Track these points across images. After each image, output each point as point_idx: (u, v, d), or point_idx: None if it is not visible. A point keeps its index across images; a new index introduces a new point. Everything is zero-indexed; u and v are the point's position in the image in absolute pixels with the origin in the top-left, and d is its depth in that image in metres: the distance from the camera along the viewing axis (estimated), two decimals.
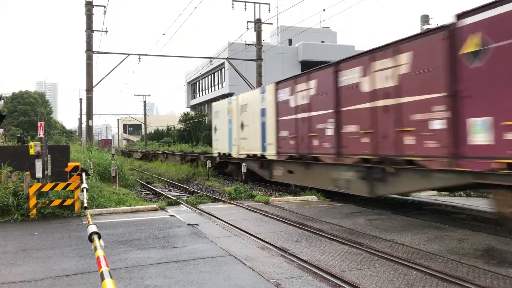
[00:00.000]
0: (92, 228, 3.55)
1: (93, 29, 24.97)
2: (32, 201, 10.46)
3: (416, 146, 9.57)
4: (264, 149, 16.99)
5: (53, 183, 10.78)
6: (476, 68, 8.25)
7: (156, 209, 11.88)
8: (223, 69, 55.60)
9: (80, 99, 67.02)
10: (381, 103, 10.58)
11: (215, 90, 60.29)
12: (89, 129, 25.71)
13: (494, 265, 6.37)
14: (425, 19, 23.05)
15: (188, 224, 9.69)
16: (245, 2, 27.18)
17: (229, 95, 55.82)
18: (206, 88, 64.74)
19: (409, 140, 9.75)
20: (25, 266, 6.53)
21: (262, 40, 28.93)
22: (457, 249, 7.27)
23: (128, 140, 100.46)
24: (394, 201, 13.01)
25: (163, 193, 16.67)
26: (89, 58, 24.91)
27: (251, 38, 52.95)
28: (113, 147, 20.72)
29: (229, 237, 8.54)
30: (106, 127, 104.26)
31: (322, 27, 56.90)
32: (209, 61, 32.06)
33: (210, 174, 22.29)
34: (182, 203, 13.35)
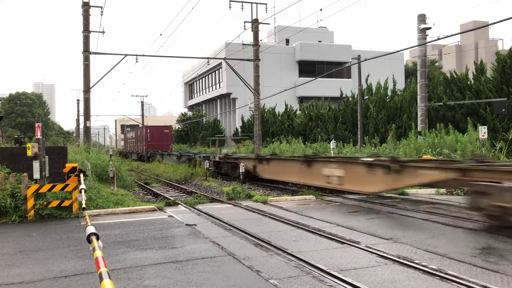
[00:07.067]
0: (91, 229, 3.55)
1: (90, 30, 24.93)
2: (30, 203, 10.44)
3: None
4: None
5: (51, 184, 10.76)
6: None
7: (154, 210, 11.87)
8: (220, 69, 55.57)
9: (78, 100, 66.91)
10: None
11: (212, 90, 60.27)
12: (87, 130, 25.67)
13: (492, 263, 6.39)
14: (422, 18, 23.05)
15: (187, 225, 9.69)
16: (242, 2, 27.18)
17: (227, 95, 55.88)
18: (203, 88, 64.70)
19: None
20: (23, 267, 6.52)
21: (259, 40, 28.94)
22: (455, 248, 7.29)
23: None
24: (392, 200, 13.03)
25: (161, 193, 16.65)
26: (86, 59, 24.87)
27: (249, 38, 52.91)
28: (110, 147, 20.71)
29: (228, 237, 8.54)
30: (104, 128, 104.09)
31: (319, 27, 56.96)
32: (206, 61, 32.05)
33: (208, 174, 22.29)
34: (180, 204, 13.34)
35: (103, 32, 26.36)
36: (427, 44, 24.17)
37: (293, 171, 15.82)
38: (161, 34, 32.70)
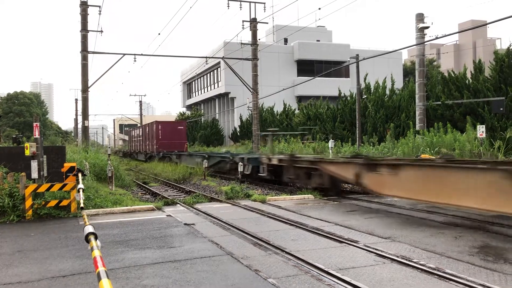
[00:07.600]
0: (89, 229, 3.55)
1: (88, 29, 24.92)
2: (28, 202, 10.42)
3: None
4: None
5: (49, 184, 10.75)
6: None
7: (152, 209, 11.86)
8: (219, 69, 55.53)
9: (76, 100, 66.83)
10: None
11: (211, 89, 60.23)
12: (85, 129, 25.65)
13: (490, 261, 6.40)
14: (420, 17, 23.07)
15: (185, 224, 9.69)
16: (240, 1, 27.17)
17: (225, 94, 55.86)
18: (202, 87, 64.65)
19: None
20: (21, 267, 6.51)
21: (257, 39, 28.93)
22: (453, 247, 7.30)
23: (124, 140, 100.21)
24: (390, 199, 13.04)
25: (160, 193, 16.64)
26: (84, 59, 24.84)
27: (247, 37, 52.80)
28: (109, 147, 20.69)
29: (226, 236, 8.54)
30: (102, 128, 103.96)
31: (318, 26, 56.93)
32: (204, 60, 32.03)
33: (207, 173, 22.28)
34: (178, 203, 13.33)
35: (101, 31, 26.37)
36: (425, 43, 24.19)
37: (469, 188, 8.38)
38: (159, 34, 32.65)
